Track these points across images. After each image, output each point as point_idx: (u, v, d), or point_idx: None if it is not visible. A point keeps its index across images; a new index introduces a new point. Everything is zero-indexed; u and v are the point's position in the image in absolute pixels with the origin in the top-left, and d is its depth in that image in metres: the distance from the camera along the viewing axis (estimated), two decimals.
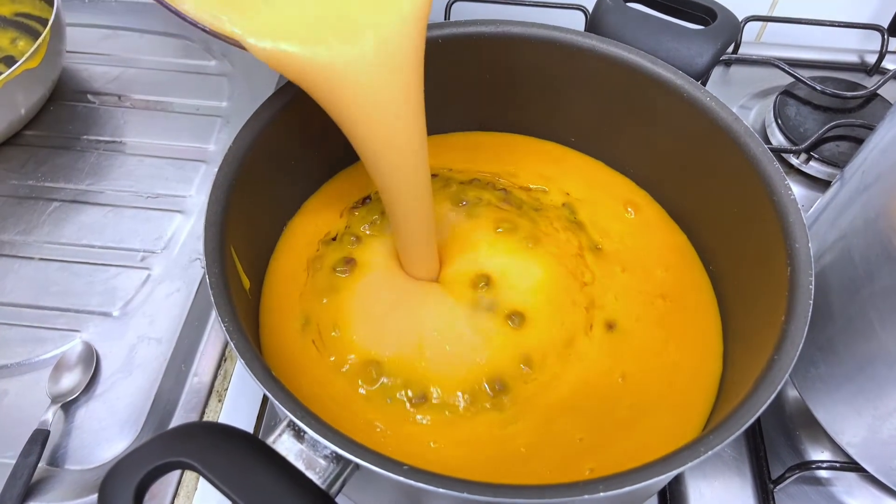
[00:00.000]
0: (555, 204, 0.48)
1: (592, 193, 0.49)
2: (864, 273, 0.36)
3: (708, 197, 0.44)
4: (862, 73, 0.71)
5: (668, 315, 0.43)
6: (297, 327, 0.42)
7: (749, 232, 0.40)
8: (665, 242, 0.47)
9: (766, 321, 0.35)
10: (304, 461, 0.29)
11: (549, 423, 0.38)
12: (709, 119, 0.41)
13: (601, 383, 0.40)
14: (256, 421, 0.48)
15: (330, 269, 0.44)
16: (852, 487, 0.45)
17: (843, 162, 0.60)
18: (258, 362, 0.31)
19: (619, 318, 0.43)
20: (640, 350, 0.41)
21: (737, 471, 0.46)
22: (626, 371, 0.41)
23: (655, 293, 0.44)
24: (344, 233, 0.46)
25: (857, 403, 0.39)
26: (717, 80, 0.70)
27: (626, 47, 0.43)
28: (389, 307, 0.42)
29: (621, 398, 0.39)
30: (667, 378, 0.40)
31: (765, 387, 0.30)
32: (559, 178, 0.50)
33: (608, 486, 0.27)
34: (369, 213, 0.47)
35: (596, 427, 0.38)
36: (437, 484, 0.27)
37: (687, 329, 0.43)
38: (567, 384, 0.40)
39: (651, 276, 0.45)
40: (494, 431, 0.38)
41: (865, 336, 0.37)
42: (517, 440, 0.38)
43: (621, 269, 0.45)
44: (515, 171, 0.50)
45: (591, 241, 0.46)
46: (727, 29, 0.44)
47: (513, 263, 0.44)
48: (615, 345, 0.42)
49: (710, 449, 0.28)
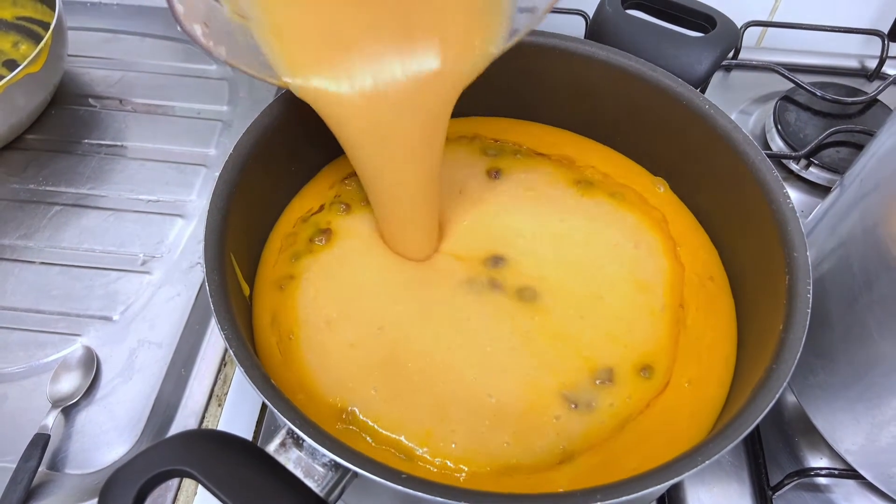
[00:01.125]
0: (587, 175, 0.48)
1: (618, 170, 0.48)
2: (863, 281, 0.36)
3: (708, 204, 0.44)
4: (862, 78, 0.71)
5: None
6: (267, 324, 0.40)
7: (748, 240, 0.40)
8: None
9: (765, 329, 0.35)
10: (303, 469, 0.29)
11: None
12: (708, 127, 0.41)
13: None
14: (256, 425, 0.48)
15: (304, 243, 0.43)
16: (851, 494, 0.45)
17: (843, 168, 0.60)
18: (257, 371, 0.31)
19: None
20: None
21: (736, 477, 0.46)
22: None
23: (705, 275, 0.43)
24: (332, 202, 0.45)
25: (856, 411, 0.39)
26: (716, 85, 0.70)
27: (625, 54, 0.44)
28: (357, 295, 0.40)
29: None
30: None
31: (763, 395, 0.30)
32: (584, 154, 0.49)
33: (606, 495, 0.27)
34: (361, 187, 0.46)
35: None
36: (435, 493, 0.27)
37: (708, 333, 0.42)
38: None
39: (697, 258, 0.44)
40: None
41: (864, 344, 0.37)
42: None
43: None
44: (537, 145, 0.49)
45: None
46: (726, 37, 0.44)
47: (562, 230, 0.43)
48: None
49: (708, 458, 0.28)
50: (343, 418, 0.36)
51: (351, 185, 0.47)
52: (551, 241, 0.44)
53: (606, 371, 0.38)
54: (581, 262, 0.43)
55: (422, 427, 0.36)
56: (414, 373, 0.38)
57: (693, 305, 0.41)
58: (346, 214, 0.45)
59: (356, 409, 0.36)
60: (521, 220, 0.45)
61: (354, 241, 0.44)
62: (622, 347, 0.39)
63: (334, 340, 0.39)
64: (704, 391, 0.38)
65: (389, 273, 0.42)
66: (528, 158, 0.49)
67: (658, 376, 0.38)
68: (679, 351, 0.39)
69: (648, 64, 0.43)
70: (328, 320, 0.40)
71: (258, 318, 0.40)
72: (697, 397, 0.38)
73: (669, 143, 0.45)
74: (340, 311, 0.40)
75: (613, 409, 0.37)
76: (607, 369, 0.39)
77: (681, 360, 0.39)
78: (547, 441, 0.36)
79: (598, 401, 0.37)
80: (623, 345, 0.40)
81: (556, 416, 0.37)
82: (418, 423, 0.36)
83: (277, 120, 0.41)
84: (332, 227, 0.44)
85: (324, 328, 0.39)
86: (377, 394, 0.37)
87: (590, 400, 0.37)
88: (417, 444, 0.35)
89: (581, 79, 0.45)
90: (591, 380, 0.38)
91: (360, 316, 0.40)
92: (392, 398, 0.37)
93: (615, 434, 0.36)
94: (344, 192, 0.46)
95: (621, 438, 0.36)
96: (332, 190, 0.46)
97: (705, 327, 0.41)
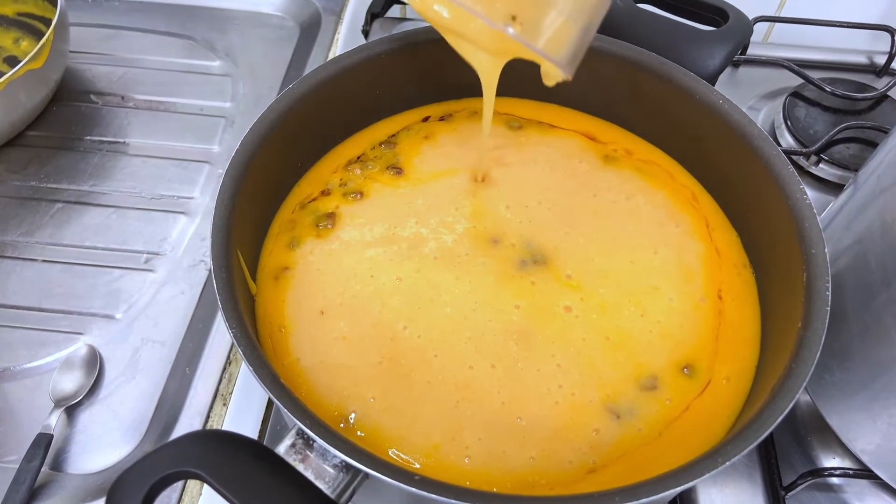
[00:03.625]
0: (610, 151, 0.46)
1: (640, 148, 0.46)
2: (881, 279, 0.36)
3: (723, 200, 0.44)
4: (871, 74, 0.71)
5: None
6: (265, 316, 0.38)
7: (764, 236, 0.39)
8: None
9: (783, 325, 0.34)
10: (314, 470, 0.29)
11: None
12: (722, 121, 0.40)
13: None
14: (262, 425, 0.47)
15: (309, 227, 0.42)
16: (864, 495, 0.44)
17: (854, 164, 0.59)
18: (266, 369, 0.30)
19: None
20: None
21: (748, 477, 0.45)
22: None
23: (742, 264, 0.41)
24: (338, 185, 0.44)
25: (872, 410, 0.38)
26: (725, 81, 0.69)
27: (637, 49, 0.43)
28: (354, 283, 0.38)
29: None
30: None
31: (783, 395, 0.30)
32: (605, 132, 0.47)
33: (624, 497, 0.27)
34: (364, 168, 0.45)
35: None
36: (449, 495, 0.27)
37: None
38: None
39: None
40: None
41: (882, 342, 0.36)
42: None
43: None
44: (558, 122, 0.48)
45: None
46: (739, 30, 0.43)
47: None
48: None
49: (729, 459, 0.28)
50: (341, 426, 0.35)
51: (352, 171, 0.46)
52: (585, 215, 0.41)
53: (653, 375, 0.36)
54: (630, 246, 0.40)
55: (428, 440, 0.33)
56: (421, 384, 0.35)
57: (730, 295, 0.39)
58: (355, 201, 0.44)
59: (354, 415, 0.34)
60: (550, 192, 0.43)
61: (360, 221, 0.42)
62: (673, 345, 0.36)
63: (327, 334, 0.37)
64: (744, 388, 0.36)
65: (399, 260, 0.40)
66: (551, 129, 0.47)
67: (700, 375, 0.36)
68: (719, 346, 0.37)
69: (661, 58, 0.42)
70: (322, 310, 0.38)
71: (260, 313, 0.39)
72: (736, 395, 0.36)
73: (683, 138, 0.44)
74: (340, 300, 0.38)
75: (653, 415, 0.35)
76: (654, 372, 0.36)
77: (720, 356, 0.37)
78: (578, 455, 0.33)
79: (640, 408, 0.35)
80: (675, 342, 0.37)
81: (596, 430, 0.34)
82: (424, 437, 0.33)
83: (283, 116, 0.41)
84: (338, 212, 0.43)
85: (318, 319, 0.38)
86: (376, 403, 0.34)
87: (633, 408, 0.35)
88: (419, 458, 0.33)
89: (594, 73, 0.45)
90: (638, 387, 0.35)
91: (360, 309, 0.38)
92: (395, 409, 0.34)
93: (650, 441, 0.34)
94: (349, 178, 0.45)
95: (656, 445, 0.34)
96: (336, 175, 0.45)
97: (741, 320, 0.38)
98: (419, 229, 0.42)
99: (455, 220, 0.42)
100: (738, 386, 0.36)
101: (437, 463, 0.33)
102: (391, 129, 0.48)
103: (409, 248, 0.41)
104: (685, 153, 0.45)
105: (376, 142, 0.47)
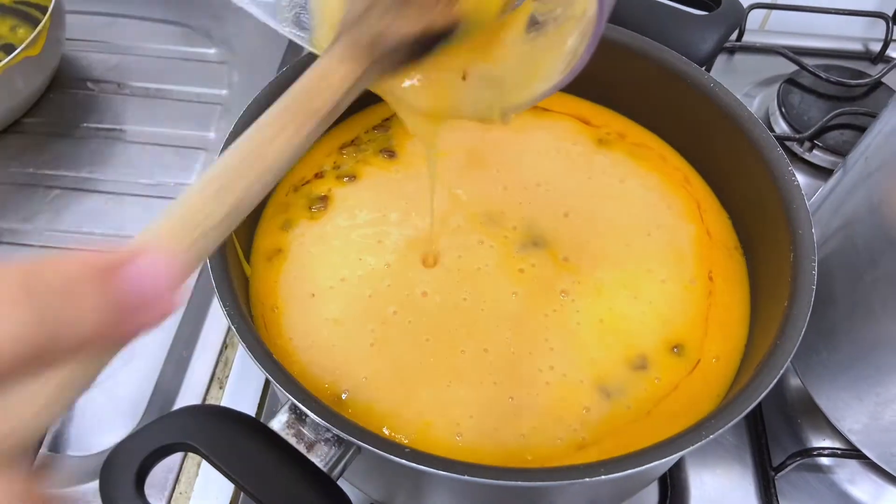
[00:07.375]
0: (603, 134, 0.47)
1: (633, 132, 0.47)
2: (868, 259, 0.36)
3: (715, 182, 0.44)
4: (866, 61, 0.71)
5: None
6: (260, 296, 0.38)
7: (754, 217, 0.40)
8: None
9: (770, 306, 0.35)
10: (306, 444, 0.29)
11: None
12: (713, 104, 0.41)
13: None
14: (258, 409, 0.48)
15: (302, 209, 0.42)
16: (853, 475, 0.45)
17: (847, 150, 0.59)
18: (259, 346, 0.31)
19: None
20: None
21: (738, 458, 0.46)
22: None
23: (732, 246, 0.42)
24: (331, 167, 0.44)
25: (859, 390, 0.39)
26: (720, 68, 0.69)
27: (628, 33, 0.43)
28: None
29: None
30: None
31: (768, 371, 0.30)
32: (597, 116, 0.48)
33: (609, 469, 0.27)
34: (358, 151, 0.45)
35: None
36: (439, 466, 0.27)
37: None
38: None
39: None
40: None
41: (868, 322, 0.37)
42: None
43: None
44: (550, 105, 0.48)
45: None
46: (731, 14, 0.44)
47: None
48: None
49: (713, 432, 0.28)
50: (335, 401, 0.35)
51: (347, 153, 0.45)
52: (581, 198, 0.42)
53: (643, 354, 0.36)
54: (624, 228, 0.40)
55: (420, 418, 0.34)
56: (413, 366, 0.36)
57: (721, 276, 0.39)
58: (348, 184, 0.44)
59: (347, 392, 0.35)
60: (546, 175, 0.43)
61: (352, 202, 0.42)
62: (663, 325, 0.37)
63: (319, 316, 0.37)
64: (733, 367, 0.36)
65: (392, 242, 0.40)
66: (545, 112, 0.47)
67: (690, 354, 0.37)
68: (709, 326, 0.38)
69: (652, 42, 0.43)
70: (313, 293, 0.38)
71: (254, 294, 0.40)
72: (725, 374, 0.36)
73: (675, 121, 0.44)
74: (331, 283, 0.38)
75: (643, 393, 0.35)
76: (644, 352, 0.36)
77: (710, 336, 0.37)
78: (569, 432, 0.34)
79: (630, 387, 0.35)
80: (666, 322, 0.37)
81: (586, 408, 0.35)
82: (416, 415, 0.34)
83: (275, 99, 0.41)
84: (330, 194, 0.43)
85: (309, 301, 0.38)
86: (368, 381, 0.35)
87: (623, 387, 0.35)
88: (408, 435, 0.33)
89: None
90: (628, 367, 0.36)
91: (350, 293, 0.38)
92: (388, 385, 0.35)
93: (639, 418, 0.35)
94: (342, 161, 0.45)
95: (645, 422, 0.35)
96: (330, 158, 0.45)
97: (731, 300, 0.39)
98: (411, 213, 0.42)
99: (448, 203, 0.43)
100: (728, 365, 0.37)
101: (429, 440, 0.34)
102: (385, 113, 0.48)
103: (399, 231, 0.41)
104: (677, 136, 0.45)
105: (370, 125, 0.47)
